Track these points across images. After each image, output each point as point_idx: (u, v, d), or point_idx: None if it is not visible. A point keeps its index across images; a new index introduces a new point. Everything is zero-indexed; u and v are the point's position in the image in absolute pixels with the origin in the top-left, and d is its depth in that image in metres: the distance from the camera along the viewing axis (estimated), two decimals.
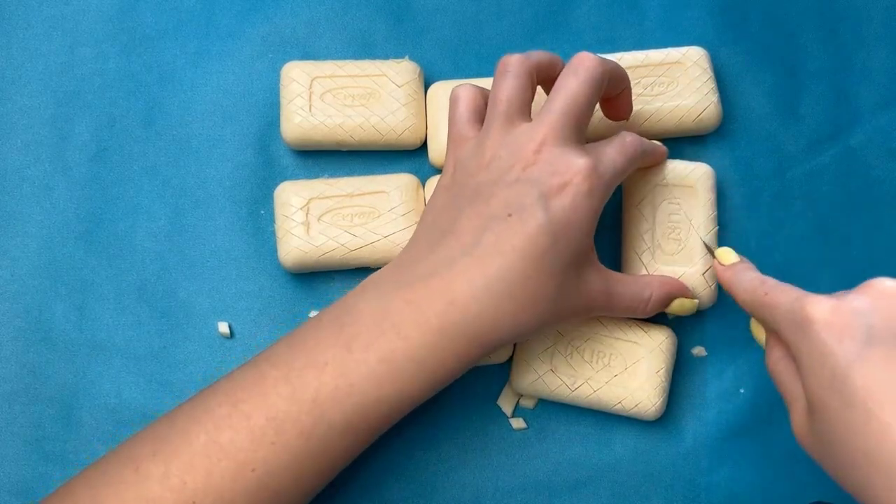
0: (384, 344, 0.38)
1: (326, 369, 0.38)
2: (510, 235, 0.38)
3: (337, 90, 0.48)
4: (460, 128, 0.43)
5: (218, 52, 0.51)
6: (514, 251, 0.38)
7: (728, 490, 0.46)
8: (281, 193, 0.47)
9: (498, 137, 0.41)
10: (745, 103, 0.51)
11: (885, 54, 0.52)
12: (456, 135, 0.43)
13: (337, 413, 0.38)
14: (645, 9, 0.52)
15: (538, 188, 0.39)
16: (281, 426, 0.37)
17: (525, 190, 0.39)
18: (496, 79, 0.42)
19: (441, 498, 0.46)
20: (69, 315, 0.48)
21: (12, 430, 0.46)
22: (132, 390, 0.47)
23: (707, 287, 0.46)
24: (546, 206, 0.38)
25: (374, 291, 0.40)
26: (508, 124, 0.41)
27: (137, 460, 0.37)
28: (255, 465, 0.37)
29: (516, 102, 0.41)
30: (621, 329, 0.46)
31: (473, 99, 0.43)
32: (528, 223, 0.38)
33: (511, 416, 0.47)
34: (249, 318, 0.48)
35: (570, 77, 0.41)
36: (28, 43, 0.51)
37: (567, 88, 0.41)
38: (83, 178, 0.50)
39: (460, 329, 0.38)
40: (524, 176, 0.39)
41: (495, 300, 0.38)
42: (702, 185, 0.46)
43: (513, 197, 0.39)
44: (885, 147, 0.51)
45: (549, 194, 0.39)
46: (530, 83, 0.42)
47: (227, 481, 0.36)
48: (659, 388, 0.45)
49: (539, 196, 0.39)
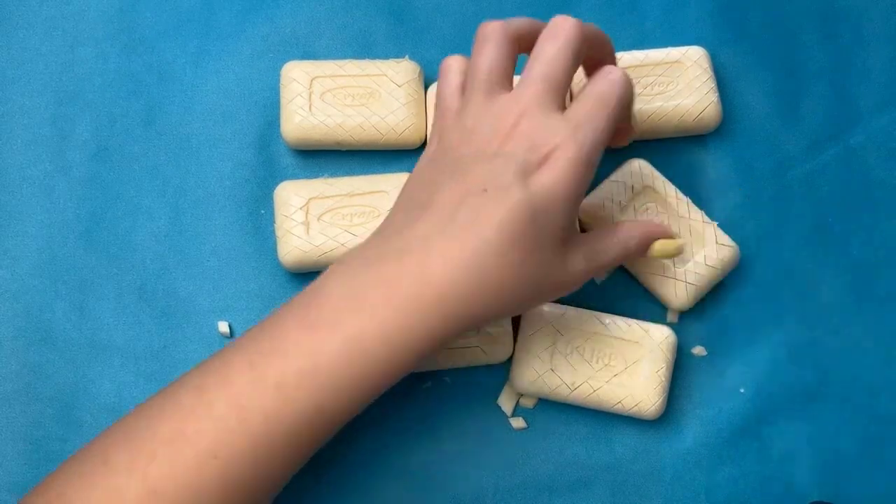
0: (351, 323, 0.37)
1: (290, 352, 0.37)
2: (487, 212, 0.37)
3: (337, 90, 0.48)
4: (447, 98, 0.42)
5: (218, 52, 0.51)
6: (491, 228, 0.37)
7: (728, 490, 0.46)
8: (281, 193, 0.47)
9: (478, 109, 0.40)
10: (745, 103, 0.51)
11: (885, 54, 0.52)
12: (442, 105, 0.42)
13: (302, 397, 0.36)
14: (645, 9, 0.52)
15: (516, 163, 0.38)
16: (244, 412, 0.36)
17: (503, 165, 0.38)
18: (475, 47, 0.41)
19: (441, 498, 0.46)
20: (69, 315, 0.48)
21: (12, 430, 0.46)
22: (132, 390, 0.47)
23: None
24: (524, 183, 0.37)
25: (344, 270, 0.38)
26: (489, 95, 0.40)
27: (106, 452, 0.37)
28: (217, 452, 0.36)
29: (496, 71, 0.40)
30: (621, 328, 0.46)
31: (463, 70, 0.42)
32: (506, 200, 0.37)
33: (511, 415, 0.47)
34: (249, 317, 0.48)
35: (548, 42, 0.40)
36: (28, 43, 0.51)
37: (545, 54, 0.40)
38: (83, 177, 0.50)
39: (434, 308, 0.37)
40: (502, 150, 0.38)
41: (471, 278, 0.37)
42: None
43: (491, 172, 0.38)
44: (885, 147, 0.51)
45: (528, 170, 0.38)
46: (511, 51, 0.41)
47: (190, 469, 0.36)
48: (659, 387, 0.45)
49: (517, 171, 0.37)
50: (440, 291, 0.37)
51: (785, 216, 0.49)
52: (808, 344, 0.48)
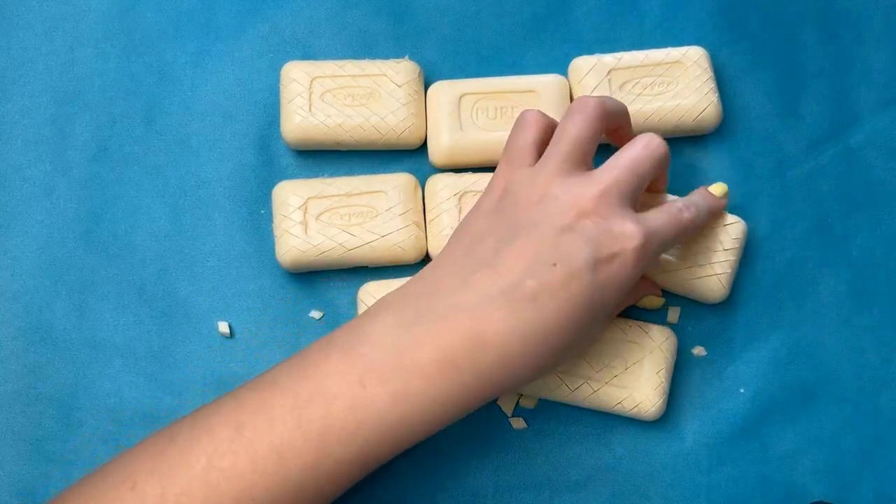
0: (400, 380, 0.36)
1: (336, 403, 0.36)
2: (552, 288, 0.37)
3: (337, 90, 0.48)
4: (521, 151, 0.42)
5: (218, 52, 0.51)
6: (554, 306, 0.37)
7: (728, 490, 0.46)
8: (279, 192, 0.47)
9: (555, 175, 0.40)
10: (745, 103, 0.51)
11: (885, 54, 0.52)
12: (515, 156, 0.42)
13: (343, 449, 0.36)
14: (645, 9, 0.52)
15: (591, 249, 0.38)
16: (284, 457, 0.36)
17: (578, 245, 0.38)
18: (569, 115, 0.42)
19: (441, 498, 0.46)
20: (69, 315, 0.48)
21: (12, 430, 0.46)
22: (132, 390, 0.47)
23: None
24: (594, 269, 0.38)
25: (393, 319, 0.38)
26: (568, 165, 0.40)
27: (134, 476, 0.37)
28: (254, 494, 0.36)
29: (583, 144, 0.41)
30: (622, 329, 0.46)
31: (543, 128, 0.42)
32: (574, 283, 0.37)
33: (511, 415, 0.47)
34: (249, 317, 0.48)
35: (637, 147, 0.41)
36: (28, 43, 0.51)
37: (633, 154, 0.41)
38: (83, 177, 0.50)
39: (483, 371, 0.37)
40: (579, 226, 0.39)
41: (525, 348, 0.37)
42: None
43: (563, 247, 0.38)
44: (885, 147, 0.51)
45: (599, 258, 0.38)
46: (600, 129, 0.42)
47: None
48: (659, 388, 0.45)
49: (589, 258, 0.38)
50: (487, 355, 0.37)
51: (785, 216, 0.49)
52: (808, 344, 0.48)
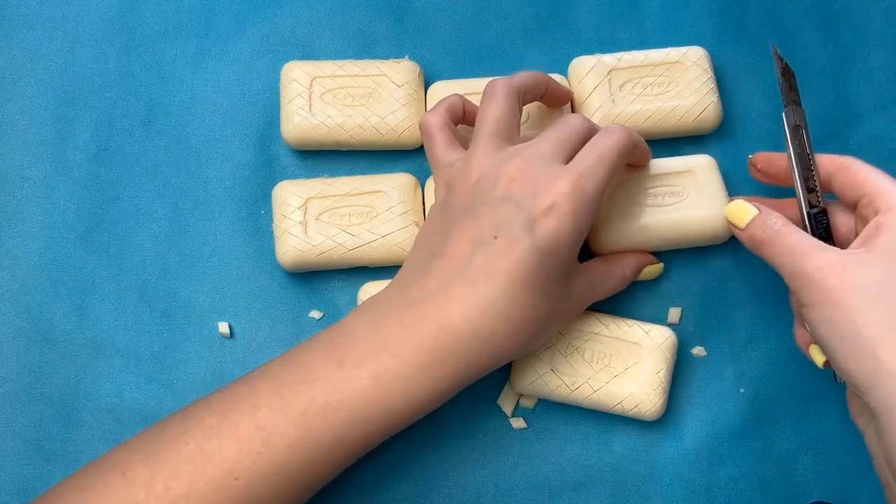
0: (375, 362, 0.39)
1: (317, 384, 0.38)
2: (498, 259, 0.39)
3: (337, 90, 0.48)
4: (442, 155, 0.44)
5: (218, 52, 0.51)
6: (503, 274, 0.39)
7: (728, 490, 0.46)
8: (279, 192, 0.47)
9: (484, 156, 0.42)
10: (745, 103, 0.51)
11: (885, 54, 0.52)
12: (440, 162, 0.44)
13: (325, 427, 0.38)
14: (645, 9, 0.52)
15: (525, 210, 0.39)
16: (268, 438, 0.37)
17: (512, 210, 0.39)
18: (484, 101, 0.43)
19: (441, 498, 0.46)
20: (69, 315, 0.48)
21: (12, 430, 0.46)
22: (132, 390, 0.47)
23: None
24: (532, 231, 0.39)
25: (369, 314, 0.41)
26: (495, 144, 0.42)
27: (125, 465, 0.38)
28: (239, 474, 0.37)
29: (503, 122, 0.42)
30: (622, 329, 0.46)
31: (444, 124, 0.44)
32: (516, 248, 0.39)
33: (511, 416, 0.47)
34: (249, 317, 0.48)
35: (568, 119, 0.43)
36: (28, 43, 0.51)
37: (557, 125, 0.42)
38: (83, 178, 0.50)
39: (451, 350, 0.39)
40: (509, 194, 0.40)
41: (486, 322, 0.39)
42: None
43: (499, 219, 0.39)
44: (885, 147, 0.51)
45: (534, 217, 0.39)
46: (516, 104, 0.43)
47: (210, 489, 0.37)
48: (659, 388, 0.45)
49: (524, 220, 0.39)
50: (457, 335, 0.39)
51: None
52: None
